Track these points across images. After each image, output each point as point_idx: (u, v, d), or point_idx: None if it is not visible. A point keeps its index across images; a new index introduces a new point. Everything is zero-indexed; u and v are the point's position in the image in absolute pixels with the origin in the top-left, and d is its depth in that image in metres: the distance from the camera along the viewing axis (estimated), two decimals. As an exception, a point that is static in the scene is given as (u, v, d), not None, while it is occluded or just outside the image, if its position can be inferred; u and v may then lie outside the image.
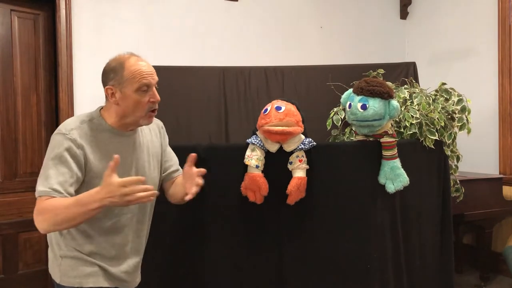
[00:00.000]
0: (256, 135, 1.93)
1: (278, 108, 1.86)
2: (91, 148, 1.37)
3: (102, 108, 1.48)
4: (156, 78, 1.45)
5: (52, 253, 1.45)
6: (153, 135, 1.60)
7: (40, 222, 1.27)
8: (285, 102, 1.93)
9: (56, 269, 1.42)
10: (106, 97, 1.43)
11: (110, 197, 1.19)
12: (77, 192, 1.33)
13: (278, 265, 2.01)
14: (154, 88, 1.43)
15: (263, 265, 2.00)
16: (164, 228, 1.98)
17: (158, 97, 1.44)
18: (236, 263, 2.00)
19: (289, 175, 1.92)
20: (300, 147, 1.91)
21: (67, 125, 1.39)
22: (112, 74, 1.39)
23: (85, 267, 1.40)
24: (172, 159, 1.67)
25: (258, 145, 1.89)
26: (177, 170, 1.66)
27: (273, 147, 1.91)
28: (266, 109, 1.90)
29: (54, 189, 1.27)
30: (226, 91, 2.85)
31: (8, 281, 2.89)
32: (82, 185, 1.36)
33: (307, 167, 1.93)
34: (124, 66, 1.38)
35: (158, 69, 2.75)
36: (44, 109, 3.07)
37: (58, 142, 1.34)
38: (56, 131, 1.38)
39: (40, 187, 1.29)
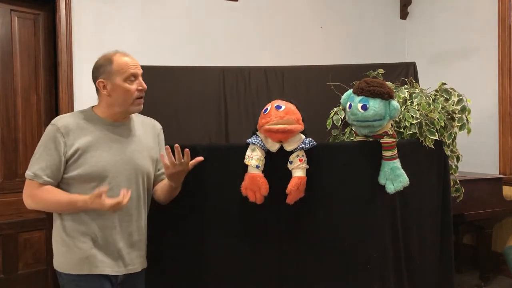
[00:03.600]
0: (257, 135, 1.93)
1: (278, 107, 1.87)
2: (81, 132, 1.57)
3: (94, 106, 1.67)
4: (141, 70, 1.63)
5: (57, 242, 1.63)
6: (148, 132, 1.75)
7: (29, 204, 1.57)
8: (284, 101, 1.93)
9: (59, 260, 1.61)
10: (98, 90, 1.62)
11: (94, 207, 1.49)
12: (67, 170, 1.55)
13: (278, 265, 2.01)
14: (140, 78, 1.61)
15: (263, 264, 2.00)
16: (163, 228, 1.98)
17: (145, 85, 1.62)
18: (236, 263, 1.99)
19: (289, 175, 1.92)
20: (300, 146, 1.91)
21: (59, 117, 1.63)
22: (101, 69, 1.59)
23: (77, 255, 1.57)
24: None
25: (258, 145, 1.89)
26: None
27: (273, 147, 1.91)
28: (266, 109, 1.90)
29: (35, 174, 1.53)
30: (226, 91, 2.85)
31: (8, 281, 2.89)
32: (71, 164, 1.55)
33: (307, 166, 1.93)
34: (112, 60, 1.58)
35: (158, 69, 2.80)
36: (44, 109, 3.07)
37: (46, 131, 1.58)
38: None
39: (27, 170, 1.56)
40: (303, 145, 1.91)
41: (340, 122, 2.41)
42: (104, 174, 1.56)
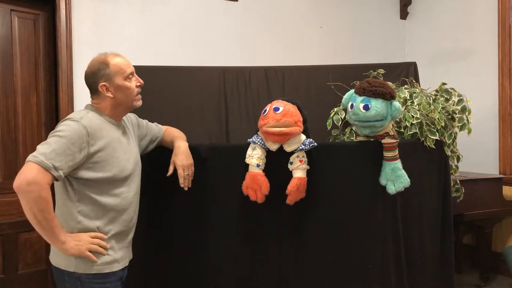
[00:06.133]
0: (258, 134, 1.93)
1: (276, 109, 1.86)
2: (101, 133, 1.55)
3: (90, 105, 1.67)
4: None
5: None
6: (130, 127, 1.81)
7: (26, 191, 1.44)
8: (284, 102, 1.91)
9: (71, 258, 1.52)
10: (99, 94, 1.63)
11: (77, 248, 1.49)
12: (87, 172, 1.50)
13: (279, 265, 2.00)
14: (135, 74, 1.69)
15: (264, 264, 2.00)
16: (163, 227, 1.98)
17: (142, 81, 1.70)
18: (236, 262, 1.99)
19: (290, 174, 1.92)
20: (300, 147, 1.90)
21: (75, 115, 1.55)
22: (100, 73, 1.60)
23: (101, 255, 1.55)
24: (152, 128, 1.93)
25: (259, 144, 1.89)
26: (159, 131, 1.94)
27: (273, 146, 1.91)
28: (265, 110, 1.90)
29: (54, 166, 1.41)
30: (226, 91, 2.85)
31: (8, 281, 2.89)
32: (92, 166, 1.52)
33: (308, 167, 1.93)
34: (108, 63, 1.61)
35: (158, 69, 2.80)
36: (44, 109, 3.07)
37: (71, 127, 1.48)
38: (66, 119, 1.53)
39: (41, 156, 1.41)
40: (303, 146, 1.90)
41: (340, 122, 2.41)
42: (126, 174, 1.61)
